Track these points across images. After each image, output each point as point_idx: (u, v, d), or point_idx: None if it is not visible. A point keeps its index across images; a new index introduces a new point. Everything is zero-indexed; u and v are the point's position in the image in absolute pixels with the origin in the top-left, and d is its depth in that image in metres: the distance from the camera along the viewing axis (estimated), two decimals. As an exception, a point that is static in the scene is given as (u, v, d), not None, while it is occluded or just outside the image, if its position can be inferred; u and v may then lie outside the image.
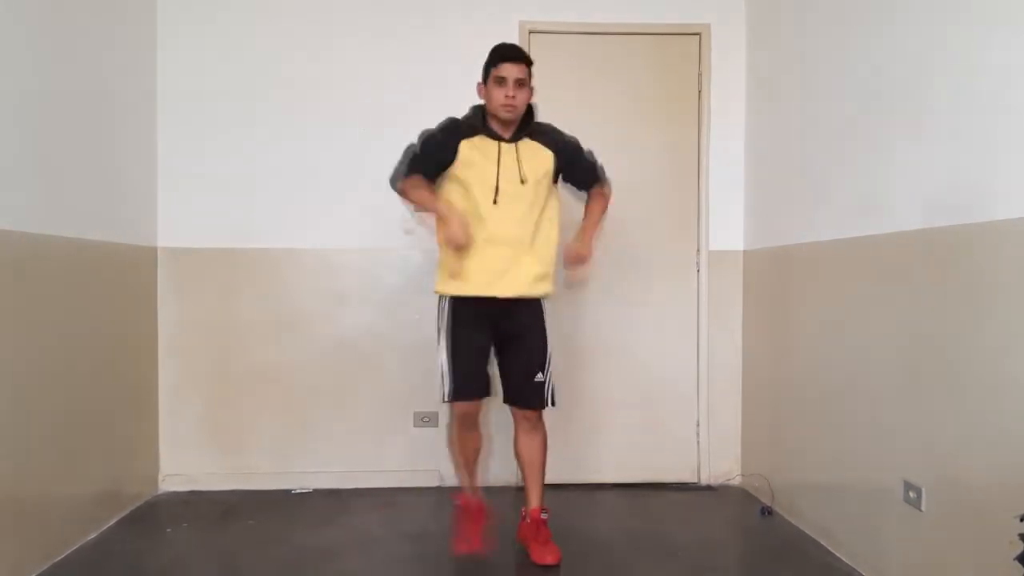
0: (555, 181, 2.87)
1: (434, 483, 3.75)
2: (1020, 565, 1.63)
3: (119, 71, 3.34)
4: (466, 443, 2.90)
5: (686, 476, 3.85)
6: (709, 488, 3.80)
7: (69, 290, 2.89)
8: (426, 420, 3.76)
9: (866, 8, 2.73)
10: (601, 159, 2.96)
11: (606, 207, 2.98)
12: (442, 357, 2.79)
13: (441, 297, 2.82)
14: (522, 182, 2.74)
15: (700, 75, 3.82)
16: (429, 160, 2.79)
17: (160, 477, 3.67)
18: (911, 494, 2.40)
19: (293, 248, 3.74)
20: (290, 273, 3.75)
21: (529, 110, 2.83)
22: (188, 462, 3.69)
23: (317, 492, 3.67)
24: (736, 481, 3.82)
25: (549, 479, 2.93)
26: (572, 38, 3.79)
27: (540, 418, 2.89)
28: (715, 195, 3.82)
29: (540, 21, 3.75)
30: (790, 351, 3.33)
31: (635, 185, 3.62)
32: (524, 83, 2.74)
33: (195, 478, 3.68)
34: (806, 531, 3.12)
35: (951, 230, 2.24)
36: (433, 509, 3.46)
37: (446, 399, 2.81)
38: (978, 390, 2.13)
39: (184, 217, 3.69)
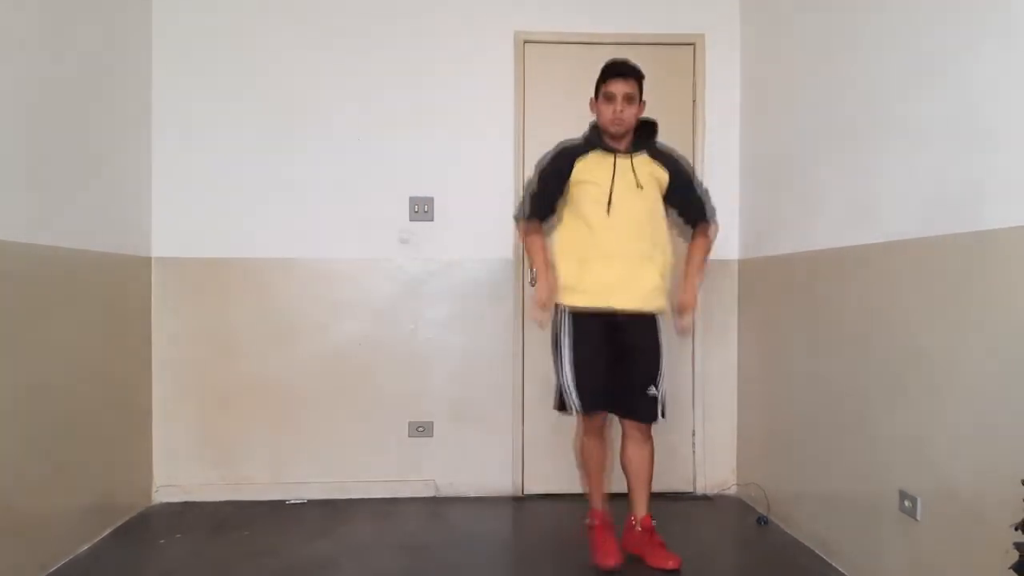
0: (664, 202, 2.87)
1: (429, 493, 3.74)
2: (1016, 574, 1.63)
3: (113, 80, 3.34)
4: (596, 454, 2.90)
5: (682, 485, 3.84)
6: (705, 497, 3.80)
7: (62, 300, 2.87)
8: (421, 430, 3.75)
9: (860, 18, 2.75)
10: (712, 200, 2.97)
11: (709, 249, 2.98)
12: (565, 372, 2.78)
13: (559, 308, 2.81)
14: (639, 186, 2.75)
15: (695, 85, 3.83)
16: (546, 195, 2.82)
17: (153, 488, 3.65)
18: (907, 503, 2.40)
19: (288, 258, 3.73)
20: (285, 283, 3.74)
21: (652, 129, 2.84)
22: (182, 473, 3.67)
23: (311, 503, 3.65)
24: (732, 491, 3.82)
25: (546, 489, 2.93)
26: (566, 48, 3.79)
27: (649, 431, 2.89)
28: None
29: (535, 31, 3.76)
30: (785, 360, 3.33)
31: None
32: (633, 98, 2.76)
33: (189, 489, 3.67)
34: (802, 541, 3.12)
35: (943, 239, 2.25)
36: (428, 519, 3.45)
37: (577, 412, 2.79)
38: (973, 399, 2.13)
39: (178, 227, 3.69)
